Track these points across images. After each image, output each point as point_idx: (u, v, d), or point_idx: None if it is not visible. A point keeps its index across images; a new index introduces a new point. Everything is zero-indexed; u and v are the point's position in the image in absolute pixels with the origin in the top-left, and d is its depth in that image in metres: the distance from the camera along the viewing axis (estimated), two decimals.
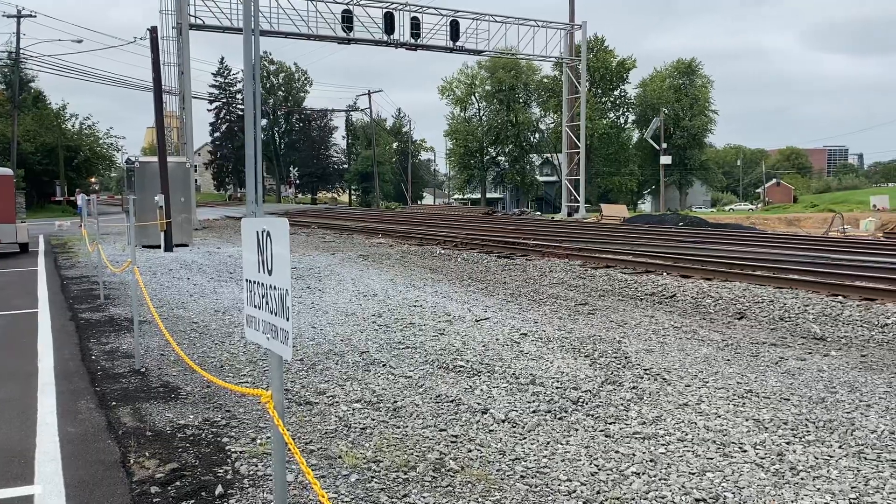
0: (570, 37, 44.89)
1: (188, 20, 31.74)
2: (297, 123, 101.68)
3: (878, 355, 7.69)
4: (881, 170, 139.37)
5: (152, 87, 19.34)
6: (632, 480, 4.34)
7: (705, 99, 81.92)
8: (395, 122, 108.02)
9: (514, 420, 5.40)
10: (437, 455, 4.64)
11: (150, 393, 5.88)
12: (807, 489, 4.23)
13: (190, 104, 32.23)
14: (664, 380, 6.56)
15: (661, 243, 19.50)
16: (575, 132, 46.54)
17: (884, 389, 6.30)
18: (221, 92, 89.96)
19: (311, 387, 6.14)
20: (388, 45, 37.48)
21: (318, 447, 4.68)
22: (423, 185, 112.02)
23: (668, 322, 9.36)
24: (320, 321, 9.14)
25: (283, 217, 2.50)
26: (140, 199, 20.56)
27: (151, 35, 19.25)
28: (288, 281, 2.40)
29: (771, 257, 15.06)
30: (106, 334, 8.36)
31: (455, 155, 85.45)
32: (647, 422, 5.40)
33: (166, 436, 4.86)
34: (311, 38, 36.37)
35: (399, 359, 7.23)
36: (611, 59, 77.44)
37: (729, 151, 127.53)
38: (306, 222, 33.62)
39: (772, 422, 5.39)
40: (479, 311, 10.10)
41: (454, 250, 19.31)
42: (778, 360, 7.39)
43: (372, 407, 5.63)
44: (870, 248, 18.30)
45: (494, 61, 72.89)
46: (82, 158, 51.46)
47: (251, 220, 2.64)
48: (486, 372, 6.79)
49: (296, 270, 14.67)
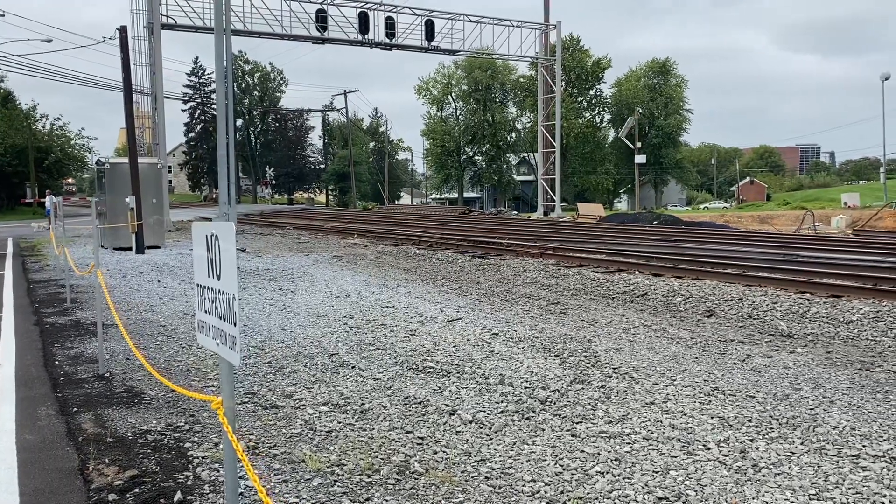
0: (545, 37, 45.06)
1: (160, 20, 31.39)
2: (273, 123, 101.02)
3: (843, 352, 7.80)
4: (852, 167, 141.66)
5: (123, 88, 19.08)
6: (596, 480, 4.35)
7: (679, 98, 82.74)
8: (372, 122, 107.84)
9: (481, 421, 5.40)
10: (402, 457, 4.62)
11: (112, 398, 5.79)
12: (768, 486, 4.27)
13: (162, 104, 31.87)
14: (632, 378, 6.59)
15: (635, 242, 19.64)
16: (550, 131, 46.73)
17: (847, 385, 6.38)
18: (196, 92, 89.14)
19: (278, 390, 6.08)
20: (363, 45, 37.35)
21: (281, 451, 4.63)
22: (400, 184, 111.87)
23: (638, 320, 9.42)
24: (291, 323, 9.07)
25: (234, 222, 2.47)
26: (111, 201, 20.30)
27: (121, 35, 18.99)
28: (235, 285, 2.36)
29: (741, 255, 15.23)
30: (71, 339, 8.23)
31: (432, 154, 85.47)
32: (614, 421, 5.42)
33: (127, 442, 4.78)
34: (286, 38, 36.14)
35: (369, 360, 7.20)
36: (586, 59, 77.91)
37: (704, 150, 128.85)
38: (281, 223, 33.40)
39: (736, 419, 5.44)
40: (451, 311, 10.09)
41: (429, 250, 19.29)
42: (745, 357, 7.47)
43: (339, 410, 5.59)
44: (838, 246, 18.57)
45: (471, 61, 73.00)
46: (53, 160, 50.66)
47: (201, 225, 2.60)
48: (455, 373, 6.78)
49: (268, 272, 14.56)
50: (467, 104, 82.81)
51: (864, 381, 6.52)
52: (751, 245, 18.71)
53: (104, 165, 20.81)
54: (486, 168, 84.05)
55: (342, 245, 21.75)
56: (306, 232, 27.94)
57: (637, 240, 20.69)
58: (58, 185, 54.40)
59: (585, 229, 28.08)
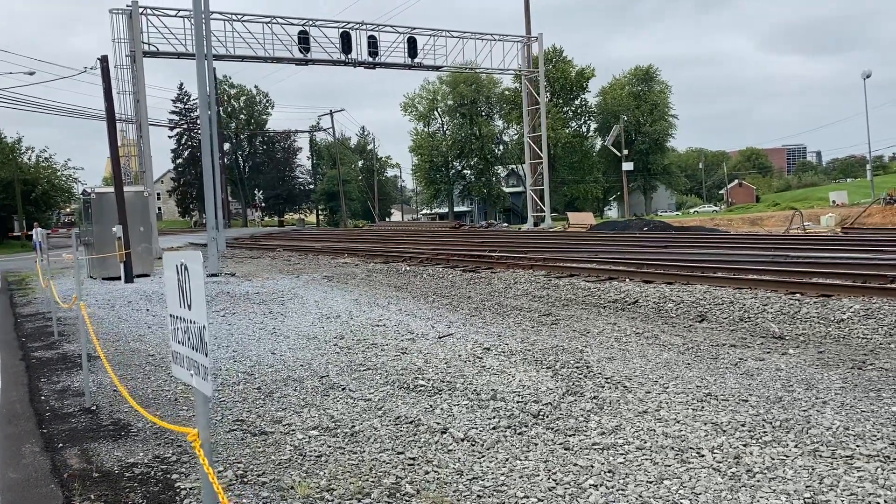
0: (528, 49, 45.31)
1: (142, 47, 31.40)
2: (261, 146, 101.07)
3: (835, 351, 7.78)
4: (839, 166, 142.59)
5: (105, 117, 19.05)
6: (589, 493, 4.30)
7: (664, 104, 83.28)
8: (360, 141, 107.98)
9: (473, 438, 5.34)
10: (392, 479, 4.55)
11: (99, 432, 5.70)
12: (762, 491, 4.22)
13: (147, 132, 31.83)
14: (625, 388, 6.55)
15: (625, 249, 19.65)
16: (537, 143, 46.89)
17: (839, 385, 6.36)
18: (181, 118, 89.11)
19: (267, 416, 6.01)
20: (347, 65, 37.46)
21: (270, 479, 4.57)
22: (390, 201, 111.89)
23: (630, 328, 9.39)
24: (281, 347, 9.00)
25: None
26: (98, 231, 20.18)
27: (102, 64, 18.97)
28: (205, 315, 2.32)
29: (731, 258, 15.25)
30: (58, 372, 8.13)
31: (421, 170, 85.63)
32: (607, 432, 5.38)
33: (114, 476, 4.70)
34: (269, 61, 36.21)
35: (359, 381, 7.13)
36: (570, 70, 78.36)
37: (691, 155, 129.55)
38: (271, 245, 33.31)
39: (730, 424, 5.40)
40: (442, 327, 10.04)
41: (420, 266, 19.24)
42: (737, 361, 7.44)
43: (329, 433, 5.52)
44: (828, 244, 18.63)
45: (455, 76, 73.34)
46: (40, 192, 50.41)
47: (171, 254, 2.56)
48: (447, 390, 6.73)
49: (258, 296, 14.48)
50: (454, 119, 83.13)
51: (857, 380, 6.50)
52: (740, 247, 18.75)
53: (90, 195, 20.72)
54: (475, 181, 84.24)
55: (333, 265, 21.69)
56: (296, 253, 27.86)
57: (627, 247, 20.71)
58: (46, 218, 54.11)
59: (575, 239, 28.11)
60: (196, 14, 19.97)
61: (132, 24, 31.20)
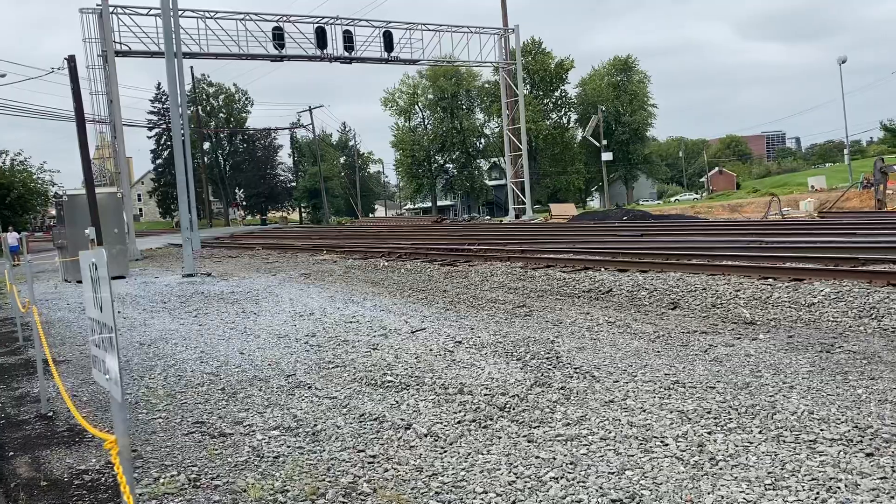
0: (505, 41, 45.20)
1: (114, 47, 30.97)
2: (241, 144, 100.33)
3: (805, 335, 7.77)
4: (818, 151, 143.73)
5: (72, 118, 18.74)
6: (549, 486, 4.22)
7: (643, 94, 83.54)
8: (341, 137, 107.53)
9: (436, 433, 5.25)
10: (350, 478, 4.45)
11: (53, 439, 5.56)
12: (724, 479, 4.17)
13: (122, 133, 31.43)
14: (593, 377, 6.49)
15: (602, 239, 19.63)
16: (517, 135, 46.83)
17: (807, 369, 6.33)
18: (160, 118, 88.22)
19: (228, 417, 5.89)
20: (322, 60, 37.18)
21: (224, 482, 4.45)
22: (374, 197, 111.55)
23: (602, 318, 9.34)
24: (250, 346, 8.86)
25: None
26: (71, 234, 19.88)
27: (69, 64, 18.66)
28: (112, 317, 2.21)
29: (706, 245, 15.25)
30: (18, 378, 7.95)
31: (403, 165, 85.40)
32: (572, 422, 5.30)
33: (62, 484, 4.57)
34: (244, 58, 35.87)
35: (327, 379, 7.02)
36: (549, 61, 78.35)
37: (671, 143, 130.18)
38: (251, 244, 33.04)
39: (695, 412, 5.34)
40: (416, 322, 9.93)
41: (398, 261, 19.13)
42: (707, 347, 7.40)
43: (290, 433, 5.41)
44: (803, 229, 18.71)
45: (435, 70, 73.12)
46: (16, 195, 49.74)
47: (86, 253, 2.44)
48: (415, 385, 6.63)
49: (233, 295, 14.31)
50: (434, 113, 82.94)
51: (825, 364, 6.48)
52: (716, 234, 18.79)
53: (62, 198, 20.41)
54: (457, 175, 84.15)
55: (311, 262, 21.51)
56: (276, 251, 27.63)
57: (605, 236, 20.70)
58: (23, 222, 53.40)
59: (555, 230, 28.09)
60: (164, 12, 19.68)
61: (103, 24, 30.76)
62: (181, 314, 12.11)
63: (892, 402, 5.28)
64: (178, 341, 9.49)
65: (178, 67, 19.01)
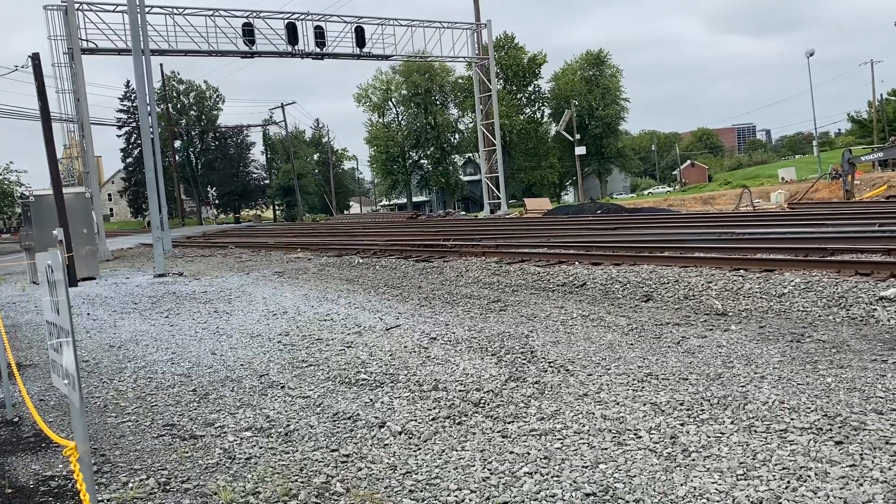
0: (477, 36, 45.18)
1: (80, 44, 30.41)
2: (213, 142, 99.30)
3: (776, 325, 7.85)
4: (787, 143, 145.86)
5: (39, 117, 18.38)
6: (523, 482, 4.21)
7: (616, 88, 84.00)
8: (315, 134, 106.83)
9: (410, 431, 5.22)
10: (323, 478, 4.41)
11: (18, 444, 5.44)
12: (697, 470, 4.19)
13: (90, 131, 30.89)
14: (567, 371, 6.50)
15: (576, 233, 19.72)
16: (490, 130, 46.86)
17: (778, 359, 6.40)
18: (130, 116, 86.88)
19: (199, 418, 5.80)
20: (294, 56, 36.86)
21: (194, 485, 4.38)
22: (349, 194, 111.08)
23: (576, 311, 9.37)
24: (222, 346, 8.75)
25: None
26: (38, 235, 19.50)
27: (34, 62, 18.28)
28: (69, 320, 2.14)
29: (679, 237, 15.39)
30: None
31: (377, 161, 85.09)
32: (546, 417, 5.30)
33: (27, 491, 4.47)
34: (213, 55, 35.44)
35: (300, 378, 6.96)
36: (522, 56, 78.49)
37: (644, 137, 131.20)
38: (224, 243, 32.68)
39: (668, 404, 5.37)
40: (391, 319, 9.89)
41: (373, 258, 19.04)
42: (680, 339, 7.45)
43: (263, 434, 5.34)
44: (773, 220, 18.95)
45: (408, 65, 72.89)
46: None
47: (43, 255, 2.36)
48: (389, 383, 6.59)
49: (205, 294, 14.14)
50: (408, 109, 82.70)
51: (795, 353, 6.55)
52: (688, 226, 18.95)
53: (29, 199, 20.03)
54: (432, 171, 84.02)
55: (285, 260, 21.33)
56: (249, 250, 27.36)
57: (578, 230, 20.80)
58: None
59: (529, 224, 28.16)
60: (131, 8, 19.36)
61: (68, 21, 30.18)
62: (152, 315, 11.93)
63: (860, 390, 5.35)
64: (148, 342, 9.35)
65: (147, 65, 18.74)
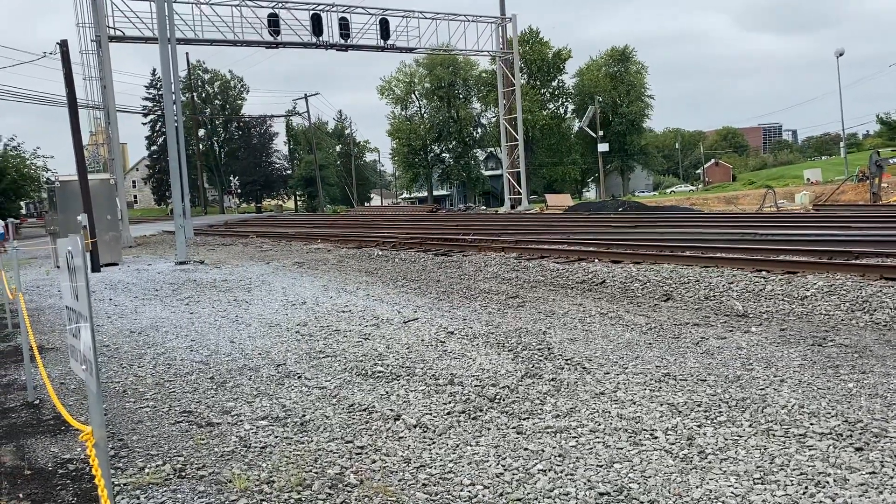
0: (502, 30, 44.97)
1: (107, 32, 30.72)
2: (237, 131, 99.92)
3: (797, 328, 7.75)
4: (814, 144, 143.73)
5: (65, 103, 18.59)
6: (537, 479, 4.20)
7: (641, 84, 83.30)
8: (338, 125, 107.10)
9: (425, 424, 5.22)
10: (337, 469, 4.42)
11: (39, 427, 5.51)
12: (713, 472, 4.14)
13: (115, 119, 31.21)
14: (584, 369, 6.46)
15: (596, 230, 19.60)
16: (513, 125, 46.69)
17: (798, 363, 6.31)
18: (155, 104, 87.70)
19: (216, 406, 5.85)
20: (318, 47, 36.96)
21: (209, 472, 4.41)
22: (369, 186, 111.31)
23: (595, 309, 9.31)
24: (241, 335, 8.82)
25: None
26: (63, 220, 19.78)
27: (62, 49, 18.48)
28: (88, 306, 2.16)
29: (701, 237, 15.23)
30: (6, 366, 7.89)
31: (399, 154, 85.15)
32: (562, 414, 5.28)
33: (46, 473, 4.53)
34: (238, 45, 35.64)
35: (317, 369, 6.98)
36: (546, 51, 78.05)
37: (668, 135, 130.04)
38: (245, 232, 32.93)
39: (686, 405, 5.32)
40: (408, 312, 9.90)
41: (392, 251, 19.08)
42: (699, 339, 7.38)
43: (278, 423, 5.37)
44: (797, 221, 18.70)
45: (432, 58, 72.76)
46: (9, 181, 49.47)
47: (64, 241, 2.38)
48: (405, 375, 6.60)
49: (225, 283, 14.24)
50: (431, 102, 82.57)
51: (816, 357, 6.46)
52: (710, 226, 18.77)
53: (55, 184, 20.30)
54: (453, 165, 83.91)
55: (305, 251, 21.44)
56: (269, 240, 27.54)
57: (599, 228, 20.67)
58: (16, 207, 53.12)
59: (550, 221, 28.05)
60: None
61: (96, 8, 30.49)
62: (173, 302, 12.05)
63: (882, 396, 5.27)
64: (168, 329, 9.44)
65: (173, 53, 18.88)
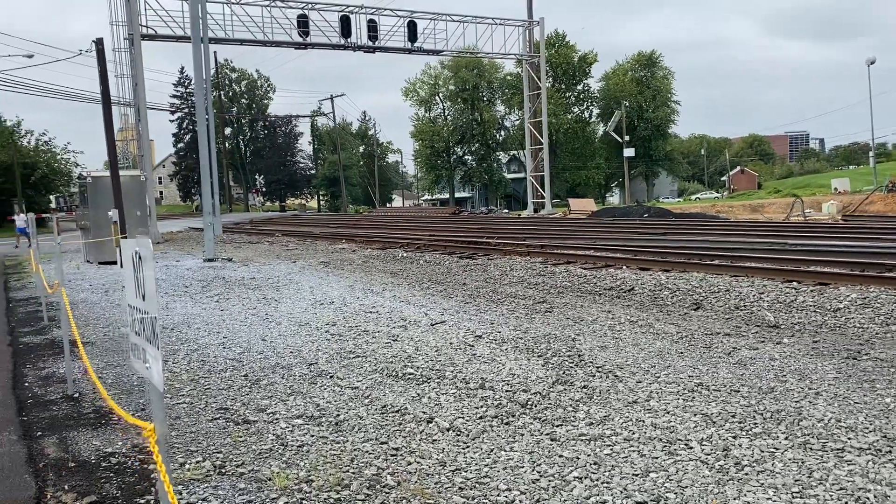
0: (529, 33, 44.94)
1: (140, 30, 31.15)
2: (262, 131, 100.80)
3: (830, 340, 7.68)
4: (842, 153, 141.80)
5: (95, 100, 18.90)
6: (573, 486, 4.22)
7: (667, 90, 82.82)
8: (361, 126, 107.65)
9: (458, 428, 5.26)
10: (374, 470, 4.47)
11: (80, 420, 5.63)
12: (750, 485, 4.14)
13: (146, 116, 31.64)
14: (616, 377, 6.46)
15: (623, 236, 19.52)
16: (538, 128, 46.62)
17: (833, 376, 6.26)
18: (182, 102, 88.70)
19: (252, 404, 5.93)
20: (346, 49, 37.18)
21: (249, 469, 4.48)
22: (391, 187, 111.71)
23: (624, 316, 9.29)
24: (272, 333, 8.92)
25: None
26: (94, 215, 20.11)
27: (97, 47, 18.80)
28: (156, 306, 2.22)
29: (729, 246, 15.12)
30: (44, 359, 8.05)
31: (422, 156, 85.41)
32: (595, 422, 5.29)
33: (90, 466, 4.63)
34: (268, 45, 35.97)
35: (348, 369, 7.05)
36: (572, 55, 77.90)
37: (693, 141, 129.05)
38: (271, 230, 33.21)
39: (720, 415, 5.31)
40: (435, 314, 9.94)
41: (417, 252, 19.14)
42: (731, 350, 7.34)
43: (313, 422, 5.44)
44: (826, 232, 18.49)
45: (457, 61, 72.94)
46: (39, 175, 50.34)
47: (129, 242, 2.46)
48: (436, 378, 6.64)
49: (254, 281, 14.39)
50: (455, 104, 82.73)
51: (851, 371, 6.40)
52: (739, 235, 18.61)
53: (86, 179, 20.62)
54: (476, 167, 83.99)
55: (330, 250, 21.59)
56: (295, 238, 27.76)
57: (625, 234, 20.58)
58: (45, 201, 54.03)
59: (574, 225, 27.97)
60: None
61: (130, 7, 30.94)
62: (203, 299, 12.20)
63: None
64: (200, 326, 9.56)
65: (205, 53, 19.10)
